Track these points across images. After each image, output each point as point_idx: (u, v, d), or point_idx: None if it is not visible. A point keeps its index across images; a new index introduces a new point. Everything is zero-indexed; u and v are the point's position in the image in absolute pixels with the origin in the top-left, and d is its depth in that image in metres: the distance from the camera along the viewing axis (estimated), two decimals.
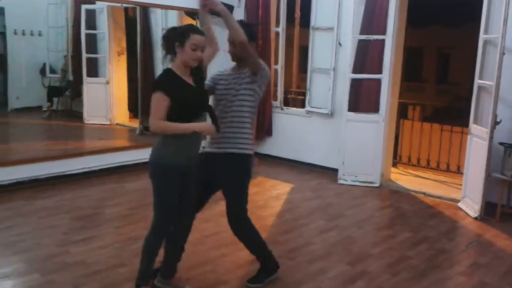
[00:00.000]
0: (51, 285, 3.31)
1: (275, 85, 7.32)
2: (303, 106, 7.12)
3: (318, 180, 6.29)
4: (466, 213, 5.13)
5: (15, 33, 9.54)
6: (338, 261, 3.87)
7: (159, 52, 8.12)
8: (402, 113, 7.69)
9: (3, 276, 3.40)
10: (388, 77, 5.83)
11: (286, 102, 7.74)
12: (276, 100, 7.29)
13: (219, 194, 3.90)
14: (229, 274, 3.56)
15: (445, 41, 14.35)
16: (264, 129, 7.25)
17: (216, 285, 3.39)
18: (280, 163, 7.10)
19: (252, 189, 5.73)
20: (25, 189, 5.37)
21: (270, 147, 7.35)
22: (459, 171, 6.45)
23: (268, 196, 5.60)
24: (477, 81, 5.12)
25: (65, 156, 5.96)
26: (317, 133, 6.78)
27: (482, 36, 5.04)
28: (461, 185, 5.44)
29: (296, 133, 7.03)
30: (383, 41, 5.78)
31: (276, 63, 7.24)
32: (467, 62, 5.77)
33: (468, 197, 5.23)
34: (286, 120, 7.18)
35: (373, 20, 5.91)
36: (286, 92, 7.72)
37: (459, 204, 5.35)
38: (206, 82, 3.26)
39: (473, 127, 5.18)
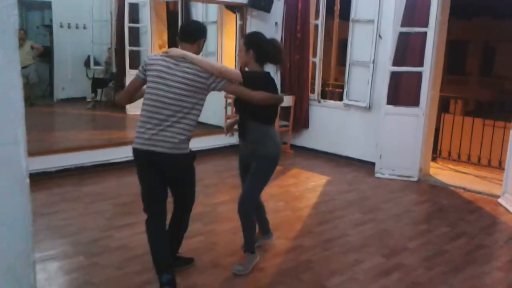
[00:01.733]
0: (95, 267, 3.47)
1: (313, 78, 7.33)
2: (340, 99, 7.11)
3: (355, 173, 6.28)
4: (506, 209, 5.02)
5: (61, 26, 9.92)
6: (373, 253, 3.88)
7: None
8: (443, 107, 7.55)
9: (50, 258, 3.60)
10: (429, 70, 5.74)
11: (324, 95, 7.73)
12: (313, 93, 7.30)
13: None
14: (266, 262, 3.63)
15: (491, 33, 13.91)
16: (301, 121, 7.29)
17: (253, 271, 3.47)
18: (316, 155, 7.12)
19: (288, 181, 5.83)
20: (72, 176, 5.62)
21: (307, 139, 7.38)
22: (500, 167, 6.30)
23: (304, 188, 5.64)
24: None
25: (109, 145, 6.19)
26: (354, 126, 6.75)
27: None
28: (502, 180, 5.33)
29: (333, 126, 7.03)
30: (424, 33, 5.70)
31: (314, 55, 7.24)
32: None
33: (508, 192, 5.11)
34: (323, 113, 7.18)
35: (414, 12, 5.83)
36: (324, 85, 7.71)
37: (499, 200, 5.24)
38: None
39: None
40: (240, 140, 3.56)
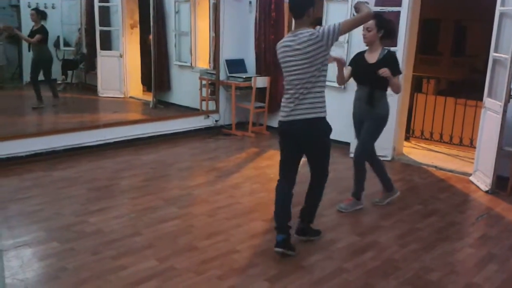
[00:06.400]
0: (70, 253, 3.43)
1: None
2: None
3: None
4: (477, 186, 5.15)
5: (29, 6, 9.58)
6: (348, 232, 3.94)
7: (171, 24, 8.11)
8: (416, 86, 7.62)
9: (24, 244, 3.53)
10: (402, 50, 5.78)
11: None
12: None
13: (223, 168, 3.97)
14: (242, 244, 3.65)
15: (463, 12, 14.03)
16: (277, 102, 7.25)
17: (230, 253, 3.49)
18: None
19: (264, 162, 5.83)
20: (43, 161, 5.50)
21: None
22: (471, 145, 6.43)
23: None
24: (492, 54, 5.06)
25: (81, 129, 6.06)
26: (329, 106, 6.66)
27: (498, 8, 4.95)
28: (473, 159, 5.44)
29: None
30: (398, 13, 5.71)
31: None
32: (486, 35, 5.66)
33: (480, 170, 5.24)
34: None
35: None
36: None
37: (471, 178, 5.36)
38: None
39: (487, 100, 5.15)
40: (358, 102, 4.44)
